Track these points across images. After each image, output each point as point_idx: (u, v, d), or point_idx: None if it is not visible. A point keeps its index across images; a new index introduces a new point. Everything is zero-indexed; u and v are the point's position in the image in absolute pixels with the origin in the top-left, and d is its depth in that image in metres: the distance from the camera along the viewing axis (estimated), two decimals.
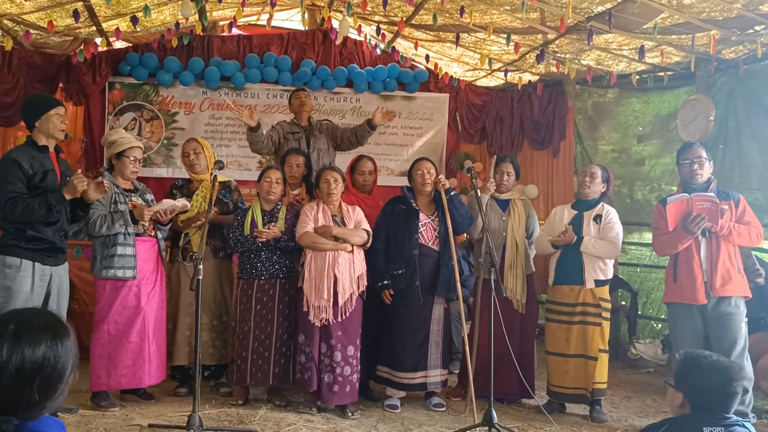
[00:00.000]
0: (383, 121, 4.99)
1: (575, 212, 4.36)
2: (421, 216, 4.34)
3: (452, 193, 4.32)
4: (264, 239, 4.19)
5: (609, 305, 4.31)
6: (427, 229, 4.34)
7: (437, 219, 4.37)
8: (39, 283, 3.72)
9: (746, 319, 3.96)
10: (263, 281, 4.25)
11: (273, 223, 4.26)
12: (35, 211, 3.63)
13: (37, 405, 1.46)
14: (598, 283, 4.23)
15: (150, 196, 4.31)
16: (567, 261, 4.26)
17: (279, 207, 4.38)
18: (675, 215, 3.98)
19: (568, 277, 4.26)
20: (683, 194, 4.01)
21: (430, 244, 4.32)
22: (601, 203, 4.37)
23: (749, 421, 2.40)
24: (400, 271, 4.24)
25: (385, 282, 4.23)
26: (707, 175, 4.04)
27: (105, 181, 3.80)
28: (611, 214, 4.32)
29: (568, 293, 4.26)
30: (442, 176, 4.36)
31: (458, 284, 4.14)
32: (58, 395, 1.49)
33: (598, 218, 4.28)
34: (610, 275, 4.32)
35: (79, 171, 3.79)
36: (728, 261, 3.93)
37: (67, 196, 3.71)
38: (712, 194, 3.90)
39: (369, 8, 5.66)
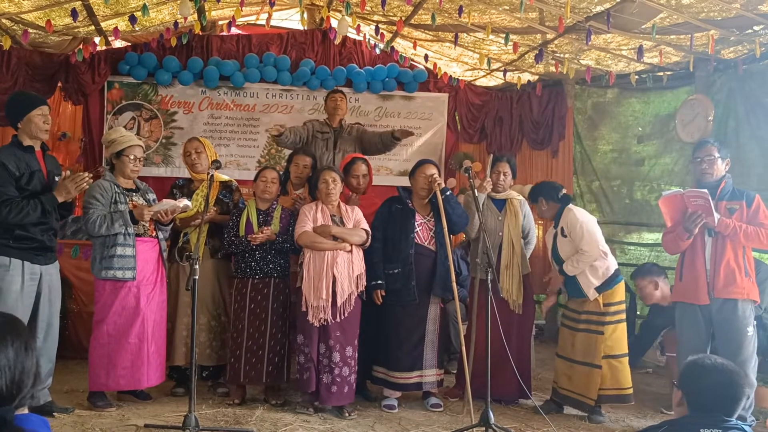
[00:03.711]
0: (403, 137, 5.19)
1: (554, 231, 4.38)
2: (417, 216, 4.33)
3: (448, 192, 4.30)
4: (258, 243, 4.19)
5: (622, 307, 4.22)
6: (423, 229, 4.32)
7: (433, 219, 4.36)
8: (29, 282, 3.71)
9: (755, 323, 3.88)
10: (257, 280, 4.25)
11: (267, 226, 4.26)
12: (29, 215, 3.62)
13: (10, 399, 1.52)
14: (600, 289, 4.18)
15: (152, 196, 4.29)
16: (568, 281, 4.29)
17: (274, 206, 4.38)
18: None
19: (575, 292, 4.28)
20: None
21: (426, 243, 4.31)
22: (563, 210, 4.31)
23: (748, 425, 2.38)
24: (396, 271, 4.23)
25: (379, 282, 4.22)
26: (718, 174, 3.95)
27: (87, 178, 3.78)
28: (568, 217, 4.23)
29: (579, 302, 4.28)
30: (436, 175, 4.32)
31: (454, 284, 4.13)
32: (30, 389, 1.56)
33: (563, 231, 4.26)
34: (609, 273, 4.19)
35: (67, 171, 3.75)
36: (733, 262, 3.83)
37: (60, 199, 3.68)
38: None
39: (368, 8, 5.67)
